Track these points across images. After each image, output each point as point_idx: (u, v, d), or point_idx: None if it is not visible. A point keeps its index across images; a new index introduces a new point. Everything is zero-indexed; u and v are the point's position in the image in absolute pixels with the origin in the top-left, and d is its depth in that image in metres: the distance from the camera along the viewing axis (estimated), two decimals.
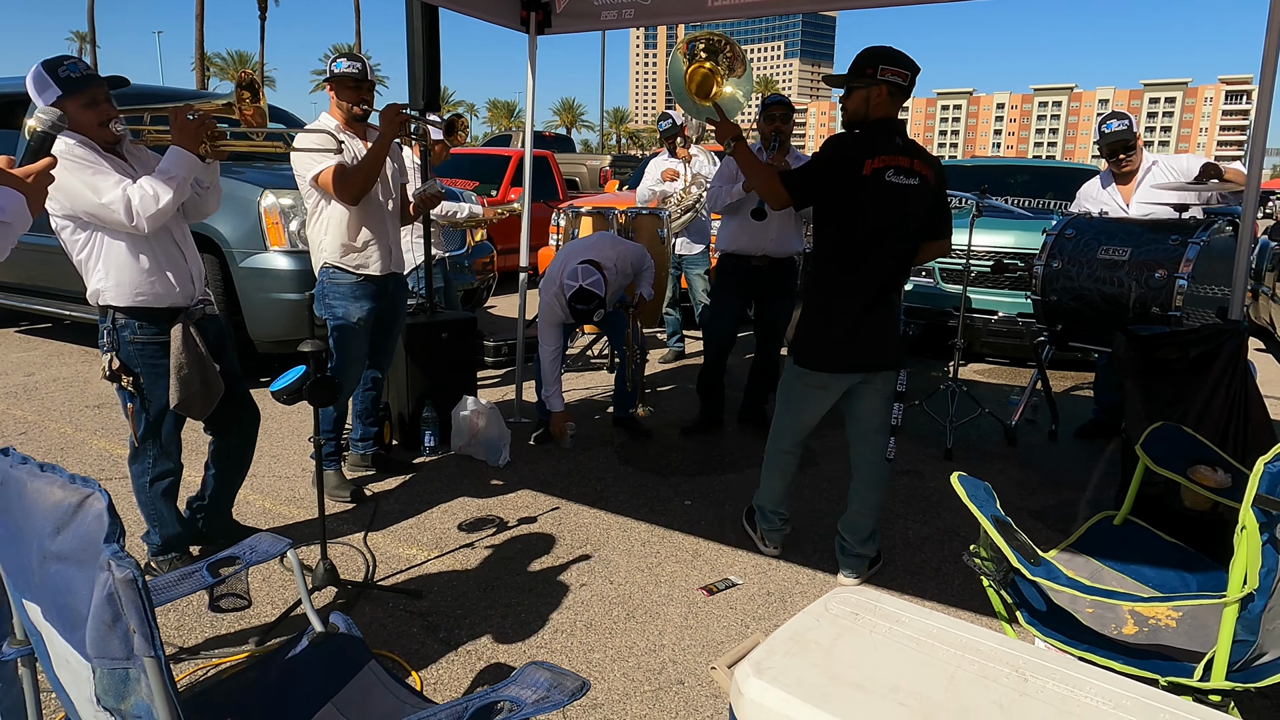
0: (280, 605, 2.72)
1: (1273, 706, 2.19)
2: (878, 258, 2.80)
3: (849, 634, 1.59)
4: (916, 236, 2.89)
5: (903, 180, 2.74)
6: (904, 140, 2.82)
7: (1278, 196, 19.57)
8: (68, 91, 2.36)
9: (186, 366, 2.59)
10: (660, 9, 4.14)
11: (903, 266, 2.90)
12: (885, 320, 2.88)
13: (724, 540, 3.32)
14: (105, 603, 0.94)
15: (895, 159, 2.73)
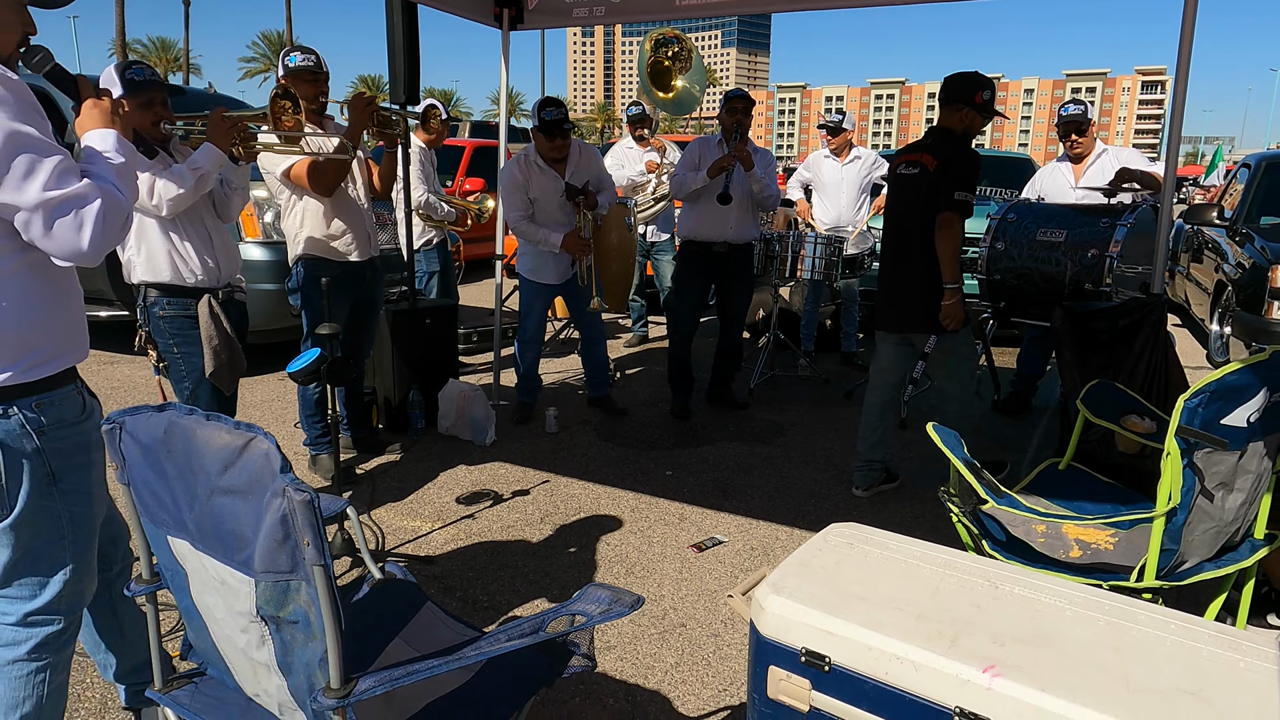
0: None
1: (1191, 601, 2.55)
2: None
3: (848, 559, 1.86)
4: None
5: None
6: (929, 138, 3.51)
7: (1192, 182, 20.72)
8: (128, 91, 2.59)
9: (216, 339, 2.77)
10: (630, 7, 4.35)
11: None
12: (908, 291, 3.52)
13: (706, 504, 3.58)
14: (278, 524, 1.14)
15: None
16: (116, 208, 1.53)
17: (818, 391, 5.40)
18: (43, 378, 1.58)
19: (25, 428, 1.55)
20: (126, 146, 1.66)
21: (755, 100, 4.66)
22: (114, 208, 1.53)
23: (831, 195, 5.84)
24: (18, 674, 1.65)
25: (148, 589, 1.47)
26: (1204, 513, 1.82)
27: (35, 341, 1.57)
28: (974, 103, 3.40)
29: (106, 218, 1.50)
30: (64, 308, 1.63)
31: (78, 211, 1.47)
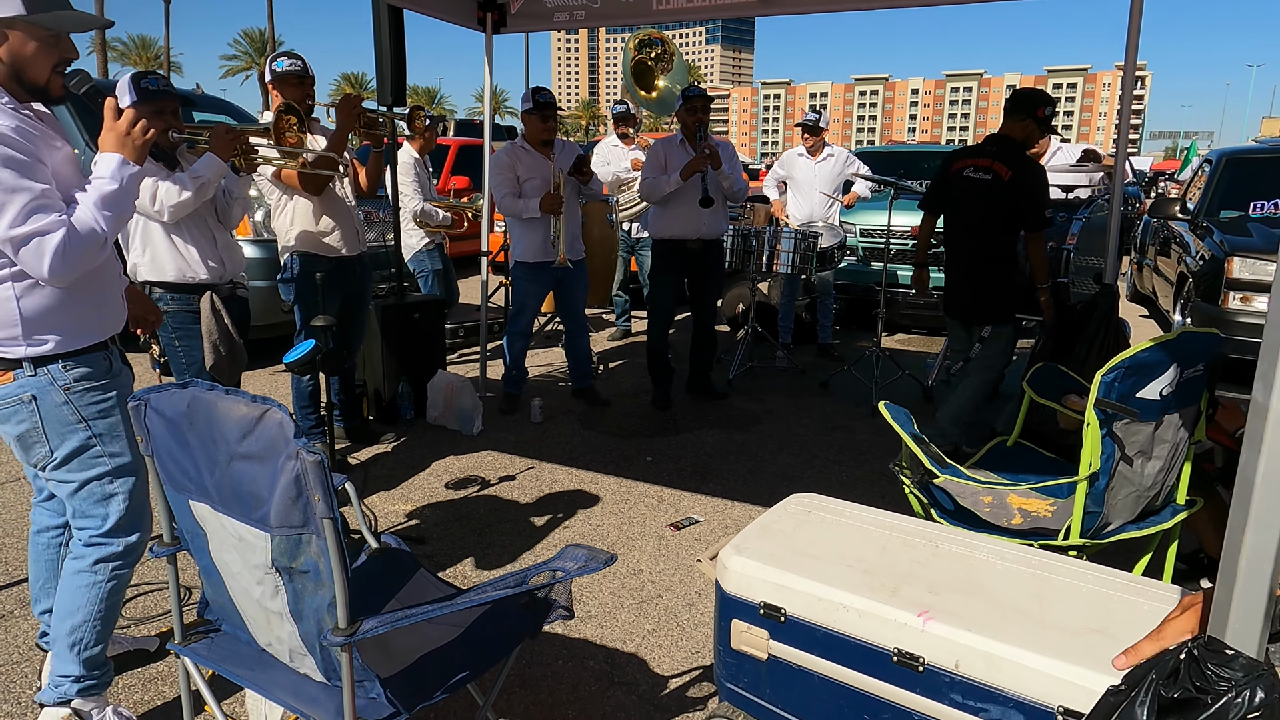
0: None
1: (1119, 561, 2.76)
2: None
3: (805, 524, 2.04)
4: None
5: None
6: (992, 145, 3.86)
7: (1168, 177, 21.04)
8: (142, 100, 2.76)
9: (216, 333, 2.93)
10: (609, 11, 4.52)
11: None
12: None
13: (684, 487, 3.76)
14: (292, 483, 1.31)
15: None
16: (83, 237, 1.79)
17: (794, 382, 5.59)
18: (69, 350, 1.90)
19: (53, 383, 1.89)
20: (127, 170, 1.88)
21: (713, 98, 4.82)
22: (79, 237, 1.78)
23: (805, 192, 6.03)
24: (77, 585, 2.00)
25: (168, 550, 1.63)
26: (1125, 478, 2.02)
27: (65, 325, 1.89)
28: (1036, 116, 3.78)
29: (67, 248, 1.76)
30: (97, 295, 1.95)
31: (39, 243, 1.73)
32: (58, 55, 1.85)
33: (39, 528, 2.24)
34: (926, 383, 5.27)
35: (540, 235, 4.59)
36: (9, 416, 1.91)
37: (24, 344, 1.85)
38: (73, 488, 1.99)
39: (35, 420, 1.91)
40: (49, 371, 1.89)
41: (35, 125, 1.82)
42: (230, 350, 3.10)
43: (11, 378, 1.87)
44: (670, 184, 4.67)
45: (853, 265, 6.97)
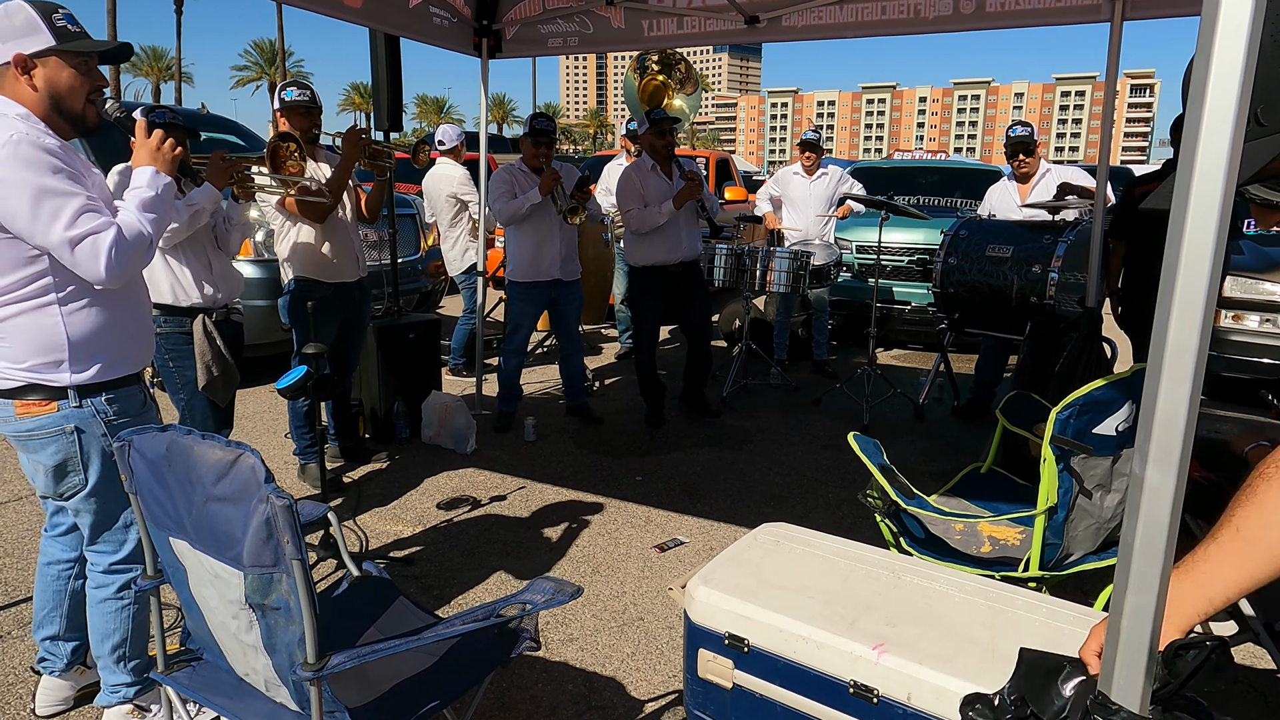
0: None
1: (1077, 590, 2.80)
2: None
3: (773, 554, 2.10)
4: None
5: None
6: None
7: None
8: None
9: (209, 354, 3.01)
10: (601, 38, 4.60)
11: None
12: None
13: (672, 508, 3.82)
14: (263, 525, 1.37)
15: None
16: (133, 236, 1.90)
17: (787, 399, 5.65)
18: (113, 379, 2.00)
19: (96, 416, 1.99)
20: (161, 179, 2.04)
21: (679, 120, 4.91)
22: (129, 236, 1.88)
23: (800, 209, 6.09)
24: (108, 610, 2.11)
25: (152, 584, 1.70)
26: (1084, 511, 2.07)
27: (109, 348, 1.99)
28: None
29: (119, 245, 1.86)
30: (133, 321, 2.07)
31: (94, 241, 1.83)
32: (91, 83, 1.97)
33: (50, 559, 2.28)
34: (918, 400, 5.32)
35: (535, 251, 4.66)
36: (44, 446, 1.96)
37: (69, 370, 1.92)
38: (96, 517, 2.07)
39: (74, 451, 1.98)
40: (92, 405, 1.97)
41: (74, 156, 1.92)
42: (223, 371, 3.17)
43: (56, 408, 1.93)
44: (663, 215, 4.66)
45: (849, 281, 7.04)
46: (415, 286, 6.40)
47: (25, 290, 1.87)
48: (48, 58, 1.88)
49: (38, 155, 1.78)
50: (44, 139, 1.83)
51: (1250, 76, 0.75)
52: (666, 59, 5.98)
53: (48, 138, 1.85)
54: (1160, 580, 0.85)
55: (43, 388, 1.93)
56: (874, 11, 3.98)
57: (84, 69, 1.95)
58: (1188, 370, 0.81)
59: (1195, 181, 0.78)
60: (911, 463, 4.47)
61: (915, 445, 4.76)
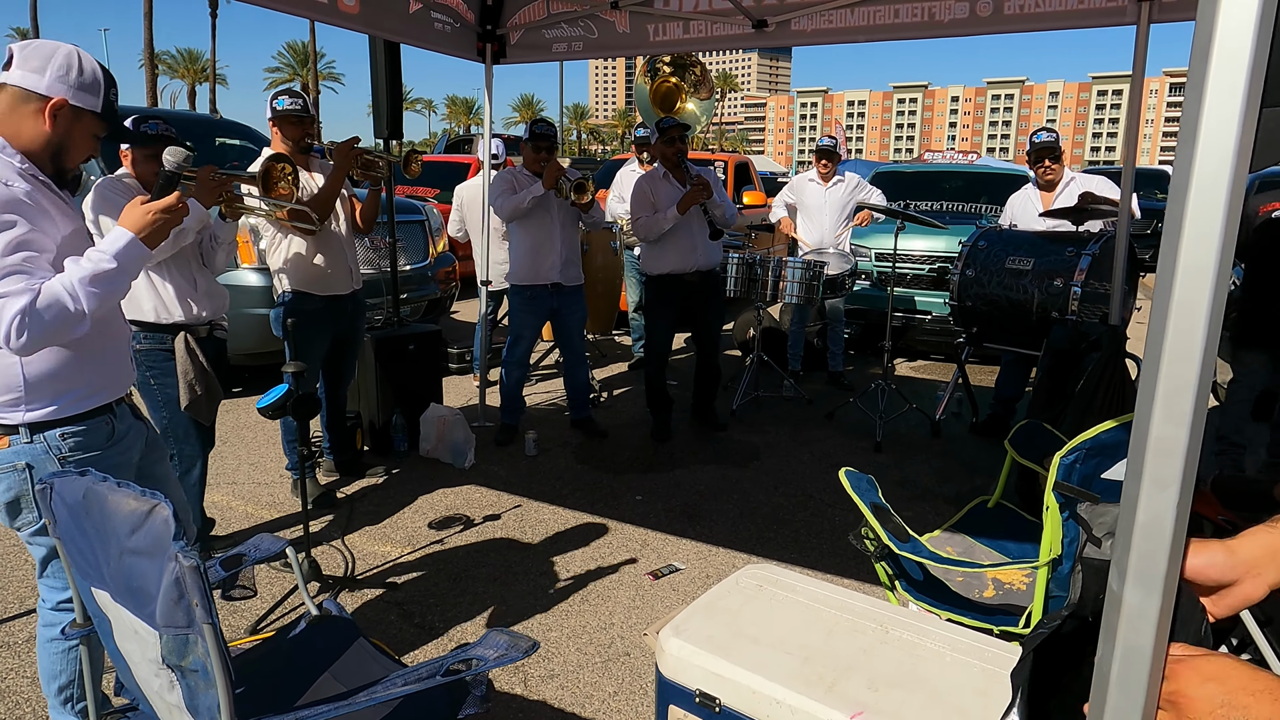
0: (270, 599, 3.03)
1: None
2: None
3: (753, 601, 1.96)
4: None
5: None
6: None
7: None
8: (139, 143, 2.84)
9: (191, 373, 2.94)
10: (606, 42, 4.48)
11: None
12: None
13: (671, 530, 3.68)
14: (173, 585, 1.27)
15: None
16: (50, 309, 1.71)
17: (799, 412, 5.49)
18: (72, 415, 1.90)
19: (49, 452, 1.88)
20: (135, 251, 1.86)
21: (689, 126, 4.77)
22: (43, 308, 1.70)
23: (815, 218, 5.93)
24: (55, 650, 2.02)
25: (80, 633, 1.61)
26: None
27: (74, 384, 1.89)
28: None
29: (27, 316, 1.67)
30: (103, 352, 1.95)
31: (4, 305, 1.66)
32: (90, 153, 1.95)
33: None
34: (935, 416, 5.13)
35: (534, 253, 4.55)
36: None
37: (24, 408, 1.84)
38: (46, 552, 1.98)
39: (26, 488, 1.89)
40: (45, 439, 1.88)
41: (48, 196, 1.83)
42: (206, 388, 3.09)
43: (7, 443, 1.86)
44: (668, 220, 4.59)
45: (868, 290, 6.85)
46: (424, 293, 6.33)
47: None
48: (83, 116, 1.88)
49: None
50: (12, 179, 1.74)
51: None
52: (679, 60, 5.85)
53: (16, 179, 1.75)
54: (1143, 717, 0.71)
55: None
56: (886, 15, 3.81)
57: (94, 143, 1.95)
58: (1175, 471, 0.67)
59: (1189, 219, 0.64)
60: (925, 483, 4.29)
61: (930, 464, 4.58)
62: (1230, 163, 0.61)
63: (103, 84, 1.89)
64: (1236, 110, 0.61)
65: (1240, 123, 0.61)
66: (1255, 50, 0.60)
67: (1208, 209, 0.63)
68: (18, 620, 2.87)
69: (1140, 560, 0.69)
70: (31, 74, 1.82)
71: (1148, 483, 0.68)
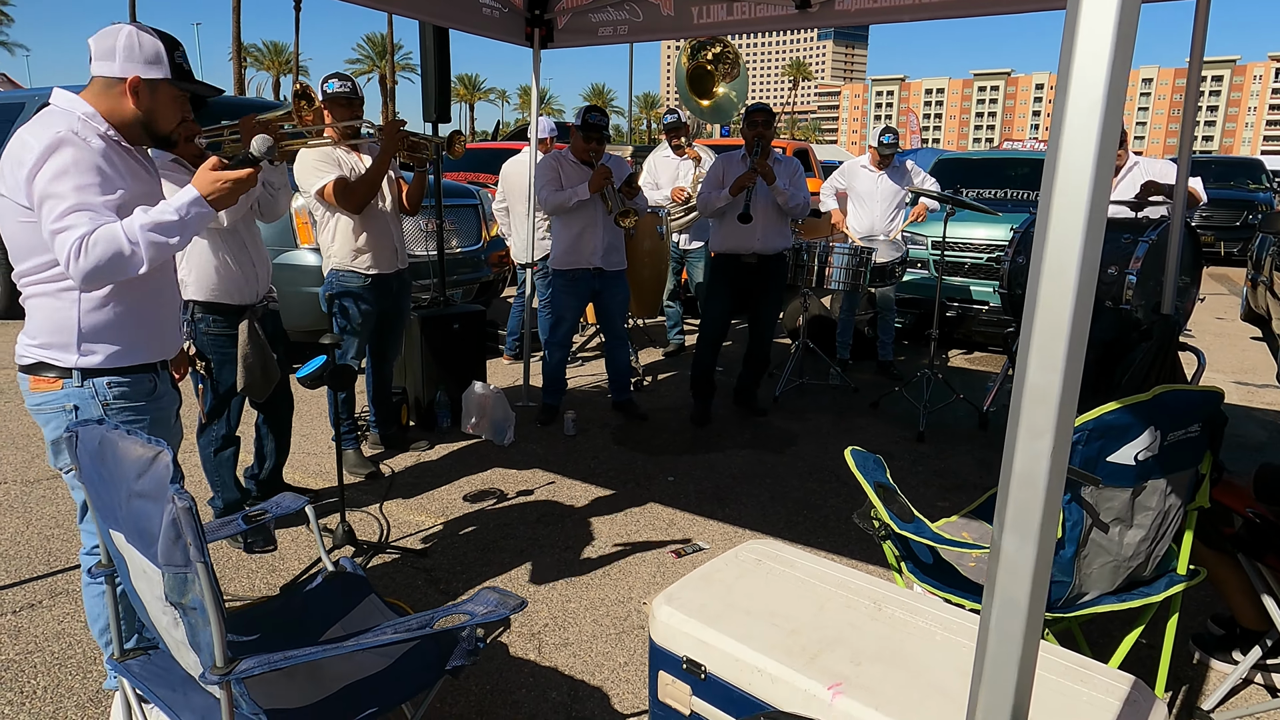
0: (305, 560, 3.17)
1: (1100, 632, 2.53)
2: None
3: (750, 574, 1.97)
4: None
5: None
6: None
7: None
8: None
9: (251, 356, 3.07)
10: (651, 25, 4.49)
11: None
12: None
13: (699, 511, 3.70)
14: (171, 525, 1.36)
15: None
16: (105, 242, 1.86)
17: (843, 401, 5.42)
18: (120, 365, 2.04)
19: (95, 396, 2.02)
20: (197, 209, 1.98)
21: (775, 114, 4.72)
22: (99, 241, 1.86)
23: (866, 205, 5.83)
24: (92, 594, 2.17)
25: (104, 572, 1.73)
26: (1100, 547, 1.85)
27: (121, 339, 2.03)
28: None
29: (85, 243, 1.84)
30: (153, 318, 2.11)
31: (65, 237, 1.85)
32: (181, 114, 2.11)
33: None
34: (982, 408, 5.01)
35: (578, 235, 4.61)
36: (49, 420, 2.07)
37: (76, 354, 2.00)
38: (85, 498, 2.13)
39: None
40: (93, 385, 2.03)
41: (127, 160, 1.99)
42: (264, 368, 3.19)
43: (60, 385, 2.02)
44: (720, 199, 4.65)
45: (923, 278, 6.71)
46: (476, 276, 6.46)
47: (46, 274, 1.95)
48: (158, 85, 2.03)
49: (72, 154, 1.85)
50: (92, 139, 1.91)
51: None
52: (700, 42, 5.78)
53: (96, 139, 1.92)
54: (1019, 670, 0.71)
55: (52, 366, 2.01)
56: None
57: (180, 101, 2.10)
58: (1049, 419, 0.67)
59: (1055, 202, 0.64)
60: (965, 474, 4.20)
61: (973, 455, 4.48)
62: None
63: (164, 50, 2.02)
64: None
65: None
66: None
67: (1078, 163, 0.62)
68: (78, 570, 3.07)
69: (1017, 510, 0.69)
70: (105, 62, 2.00)
71: (1024, 431, 0.68)
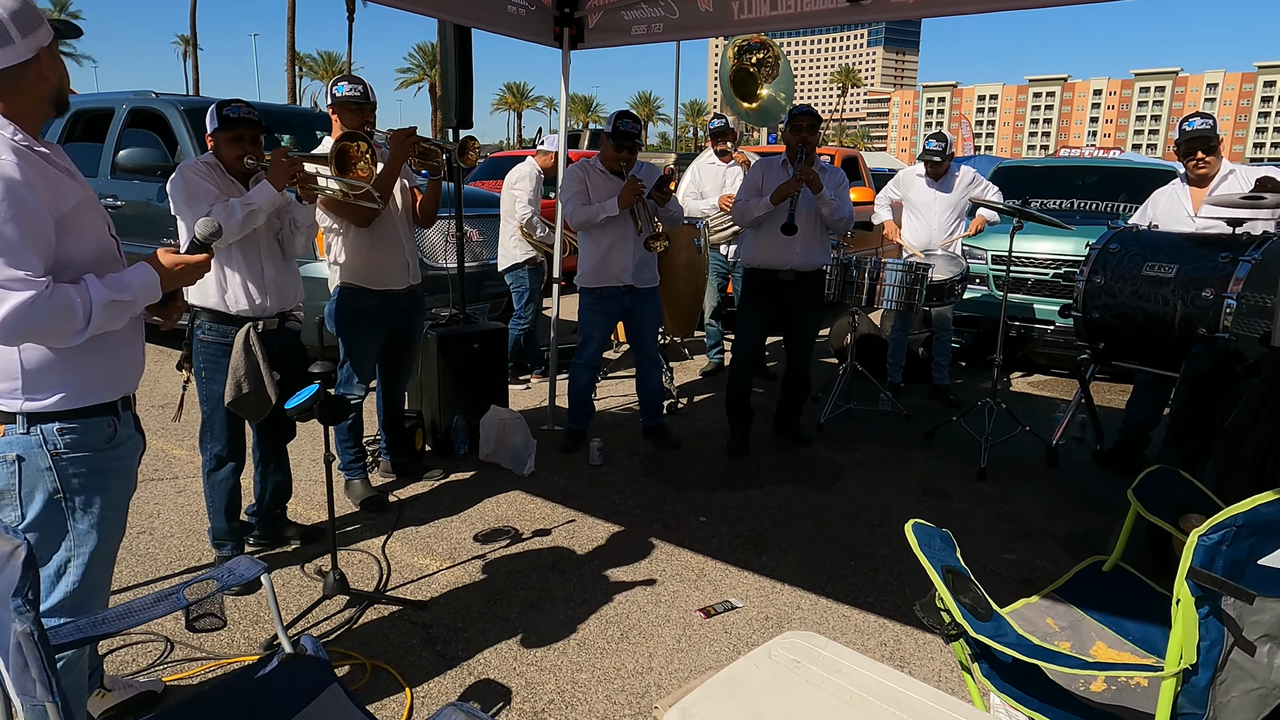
0: (294, 610, 2.87)
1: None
2: None
3: (783, 681, 1.59)
4: None
5: None
6: None
7: None
8: (222, 126, 2.84)
9: (242, 370, 2.85)
10: (688, 23, 4.14)
11: None
12: None
13: (732, 559, 3.32)
14: (16, 649, 1.04)
15: None
16: (57, 310, 1.64)
17: (895, 429, 4.99)
18: (73, 409, 1.78)
19: (43, 445, 1.76)
20: (149, 296, 1.83)
21: (821, 118, 4.32)
22: (43, 311, 1.62)
23: (923, 216, 5.38)
24: None
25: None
26: (1243, 670, 1.43)
27: (75, 377, 1.78)
28: None
29: (31, 309, 1.60)
30: (111, 348, 1.83)
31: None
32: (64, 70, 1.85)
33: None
34: (1051, 441, 4.53)
35: (607, 251, 4.27)
36: None
37: (22, 398, 1.73)
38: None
39: (13, 482, 1.77)
40: (41, 432, 1.76)
41: (47, 168, 1.71)
42: (255, 388, 2.95)
43: (2, 430, 1.76)
44: (759, 208, 4.27)
45: (983, 295, 6.23)
46: (504, 290, 6.16)
47: None
48: (51, 50, 1.77)
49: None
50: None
51: None
52: (747, 44, 5.43)
53: (7, 151, 1.64)
54: None
55: None
56: None
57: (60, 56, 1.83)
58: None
59: None
60: (1033, 519, 3.75)
61: (1041, 496, 4.01)
62: None
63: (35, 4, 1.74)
64: None
65: None
66: None
67: None
68: None
69: None
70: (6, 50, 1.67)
71: None
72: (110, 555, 1.95)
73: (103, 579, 1.95)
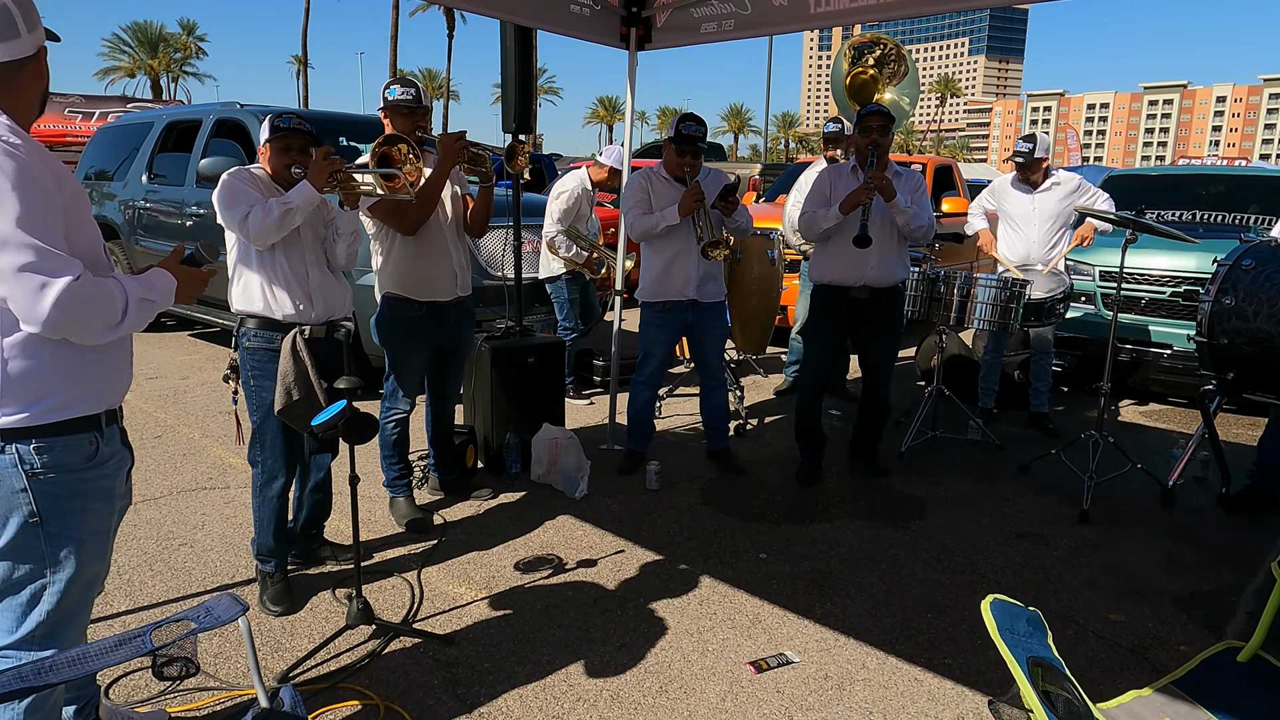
0: (316, 638, 2.71)
1: None
2: None
3: None
4: None
5: None
6: None
7: None
8: (271, 134, 2.83)
9: (290, 377, 2.75)
10: (761, 19, 3.86)
11: None
12: None
13: (792, 605, 3.00)
14: None
15: None
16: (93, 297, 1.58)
17: (985, 461, 4.54)
18: (53, 422, 1.65)
19: (18, 464, 1.63)
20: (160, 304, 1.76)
21: (892, 118, 3.94)
22: (90, 295, 1.57)
23: (1021, 228, 4.92)
24: None
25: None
26: None
27: (60, 387, 1.65)
28: None
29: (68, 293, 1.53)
30: (91, 364, 1.70)
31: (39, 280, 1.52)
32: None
33: None
34: (1167, 481, 4.01)
35: (669, 263, 4.02)
36: None
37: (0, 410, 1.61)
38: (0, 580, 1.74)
39: None
40: (16, 451, 1.63)
41: (46, 152, 1.63)
42: (305, 394, 2.84)
43: None
44: (828, 219, 3.94)
45: (1090, 315, 5.68)
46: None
47: None
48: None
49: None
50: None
51: None
52: (859, 46, 5.13)
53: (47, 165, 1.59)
54: None
55: None
56: None
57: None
58: None
59: None
60: (1145, 572, 3.28)
61: (1155, 545, 3.53)
62: None
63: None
64: None
65: None
66: None
67: None
68: None
69: None
70: (9, 43, 1.59)
71: None
72: (89, 582, 1.81)
73: (79, 608, 1.81)
